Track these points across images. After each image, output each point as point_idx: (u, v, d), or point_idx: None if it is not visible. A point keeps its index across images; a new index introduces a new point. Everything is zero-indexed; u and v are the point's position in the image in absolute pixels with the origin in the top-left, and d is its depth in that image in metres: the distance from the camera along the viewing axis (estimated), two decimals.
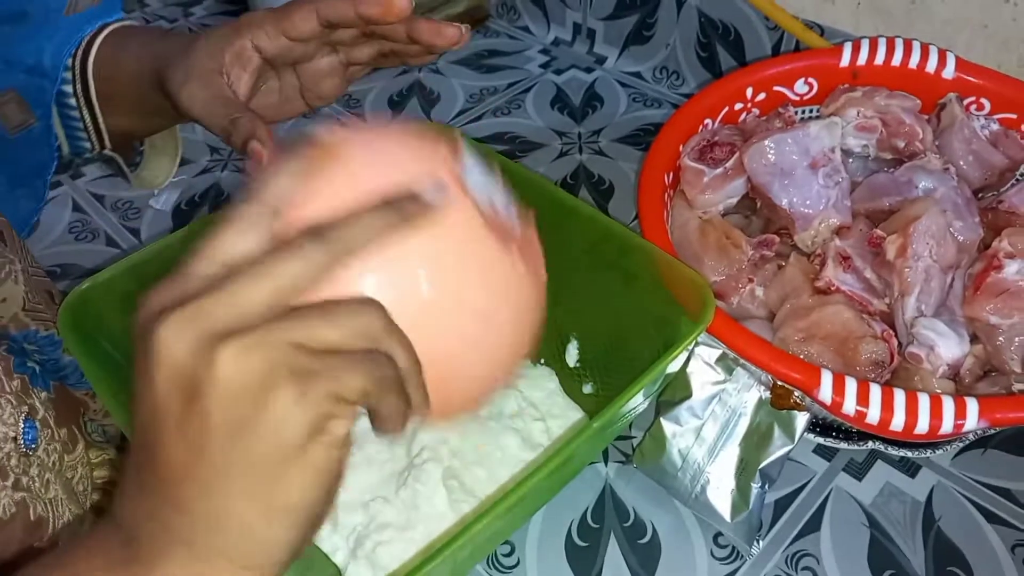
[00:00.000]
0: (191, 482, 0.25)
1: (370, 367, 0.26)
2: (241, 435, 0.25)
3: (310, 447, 0.25)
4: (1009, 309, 0.49)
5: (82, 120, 0.50)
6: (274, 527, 0.26)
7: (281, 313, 0.26)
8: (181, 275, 0.26)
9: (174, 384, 0.25)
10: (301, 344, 0.25)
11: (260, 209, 0.28)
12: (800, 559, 0.51)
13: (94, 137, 0.51)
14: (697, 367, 0.50)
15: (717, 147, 0.58)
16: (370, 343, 0.27)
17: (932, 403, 0.43)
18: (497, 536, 0.49)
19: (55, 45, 0.49)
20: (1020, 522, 0.52)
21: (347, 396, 0.25)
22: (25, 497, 0.38)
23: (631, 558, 0.51)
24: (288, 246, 0.26)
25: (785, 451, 0.48)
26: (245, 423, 0.24)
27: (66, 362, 0.49)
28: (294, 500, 0.26)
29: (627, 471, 0.56)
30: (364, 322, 0.27)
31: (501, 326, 0.34)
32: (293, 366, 0.25)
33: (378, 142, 0.33)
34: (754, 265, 0.56)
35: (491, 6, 1.06)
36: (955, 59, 0.61)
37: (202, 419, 0.24)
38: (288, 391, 0.24)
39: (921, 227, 0.50)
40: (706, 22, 0.85)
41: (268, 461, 0.25)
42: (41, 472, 0.40)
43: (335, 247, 0.27)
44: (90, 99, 0.49)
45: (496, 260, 0.33)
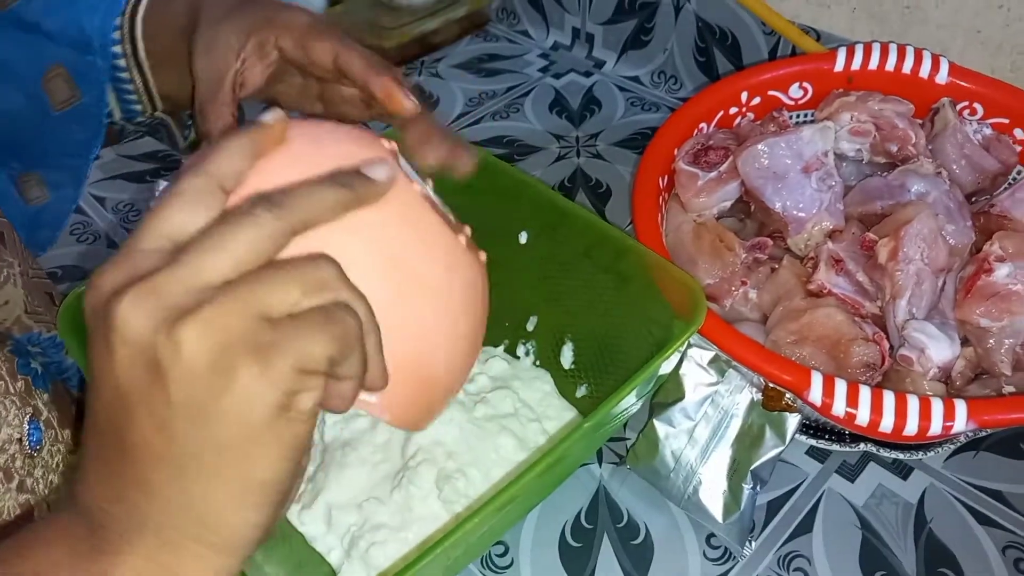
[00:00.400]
0: (159, 463, 0.25)
1: (331, 328, 0.25)
2: (207, 414, 0.24)
3: (277, 423, 0.25)
4: (999, 312, 0.50)
5: (132, 82, 0.50)
6: (245, 507, 0.26)
7: (235, 282, 0.25)
8: (128, 251, 0.25)
9: (136, 363, 0.24)
10: (261, 313, 0.24)
11: (206, 182, 0.27)
12: (792, 560, 0.51)
13: (145, 99, 0.51)
14: (690, 369, 0.51)
15: (711, 151, 0.59)
16: (327, 295, 0.26)
17: (921, 405, 0.44)
18: (490, 535, 0.50)
19: (100, 17, 0.48)
20: (1011, 524, 0.53)
21: (312, 367, 0.25)
22: (29, 499, 0.38)
23: (624, 559, 0.51)
24: (241, 215, 0.26)
25: (776, 452, 0.48)
26: (210, 402, 0.24)
27: (69, 364, 0.49)
28: (264, 478, 0.25)
29: (621, 472, 0.56)
30: (319, 275, 0.26)
31: (454, 303, 0.33)
32: (254, 341, 0.24)
33: (322, 129, 0.33)
34: (747, 268, 0.56)
35: (491, 10, 1.06)
36: (948, 64, 0.61)
37: (167, 399, 0.24)
38: (251, 368, 0.24)
39: (912, 230, 0.51)
40: (703, 27, 0.86)
41: (236, 440, 0.24)
42: (45, 474, 0.40)
43: (289, 217, 0.26)
44: (139, 60, 0.49)
45: (441, 234, 0.33)
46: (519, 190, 0.55)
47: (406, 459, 0.53)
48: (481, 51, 1.01)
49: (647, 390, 0.51)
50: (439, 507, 0.50)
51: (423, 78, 0.97)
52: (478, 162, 0.52)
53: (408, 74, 0.97)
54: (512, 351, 0.61)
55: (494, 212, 0.57)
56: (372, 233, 0.30)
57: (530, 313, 0.60)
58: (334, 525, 0.51)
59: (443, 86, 0.95)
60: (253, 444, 0.25)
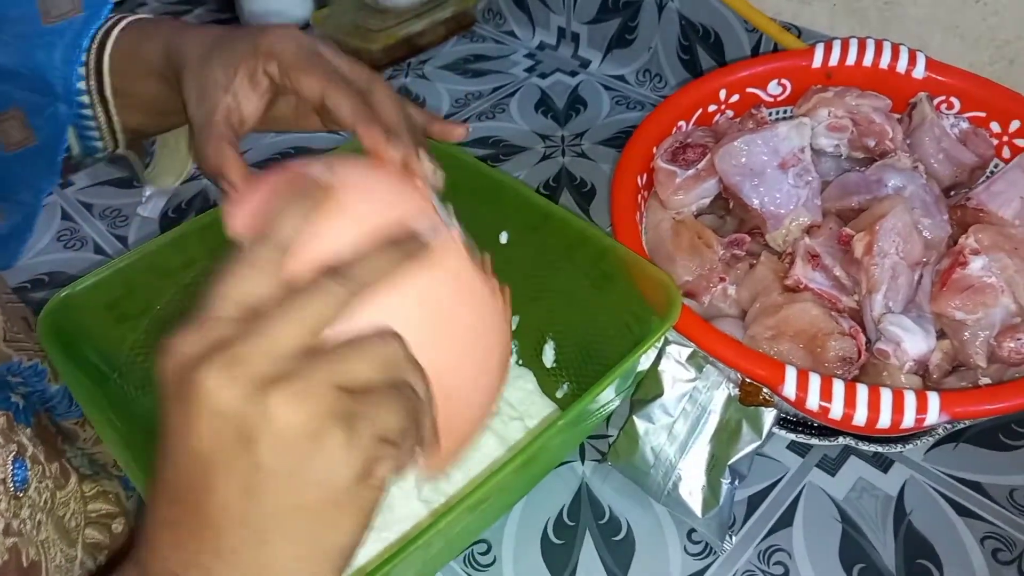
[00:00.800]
0: (239, 528, 0.25)
1: (403, 402, 0.27)
2: (295, 480, 0.25)
3: (358, 489, 0.26)
4: (974, 305, 0.50)
5: (95, 119, 0.49)
6: (320, 569, 0.27)
7: (314, 353, 0.26)
8: (202, 319, 0.27)
9: (223, 431, 0.25)
10: (341, 385, 0.26)
11: (270, 251, 0.28)
12: (772, 554, 0.52)
13: (108, 136, 0.50)
14: (668, 365, 0.51)
15: (689, 149, 0.59)
16: (396, 373, 0.28)
17: (894, 398, 0.44)
18: (470, 531, 0.50)
19: (61, 57, 0.46)
20: (990, 515, 0.53)
21: (389, 436, 0.27)
22: (17, 542, 0.37)
23: (606, 555, 0.52)
24: (311, 287, 0.27)
25: (753, 447, 0.49)
26: (299, 468, 0.25)
27: (53, 391, 0.48)
28: (341, 542, 0.27)
29: (603, 469, 0.56)
30: (389, 352, 0.28)
31: (488, 352, 0.36)
32: (339, 411, 0.25)
33: (368, 181, 0.35)
34: (726, 264, 0.56)
35: (477, 11, 1.07)
36: (925, 59, 0.62)
37: (256, 464, 0.25)
38: (338, 437, 0.25)
39: (887, 225, 0.51)
40: (687, 25, 0.86)
41: (319, 505, 0.26)
42: (33, 513, 0.39)
43: (352, 285, 0.28)
44: (104, 97, 0.48)
45: (479, 283, 0.36)
46: (499, 191, 0.55)
47: None
48: (467, 52, 1.02)
49: (626, 386, 0.52)
50: (420, 507, 0.50)
51: (409, 79, 0.97)
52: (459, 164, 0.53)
53: (394, 76, 0.98)
54: None
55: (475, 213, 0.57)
56: (422, 291, 0.32)
57: (512, 313, 0.60)
58: None
59: (429, 87, 0.95)
60: (335, 509, 0.26)
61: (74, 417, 0.49)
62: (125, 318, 0.51)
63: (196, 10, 1.15)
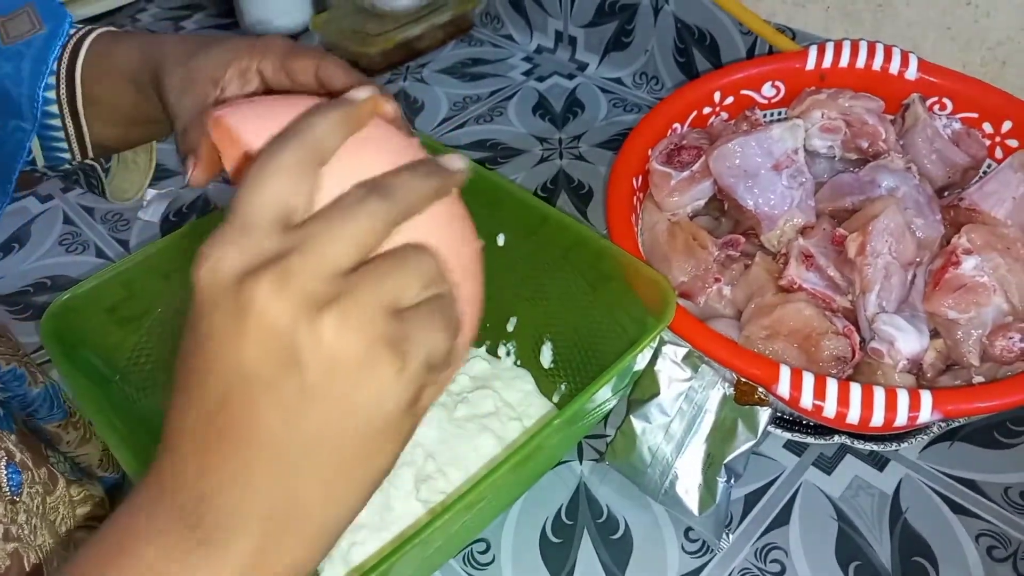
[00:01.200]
0: (279, 453, 0.24)
1: (447, 323, 0.26)
2: (341, 406, 0.24)
3: (403, 418, 0.25)
4: (967, 304, 0.51)
5: (63, 129, 0.48)
6: (350, 498, 0.25)
7: (363, 272, 0.25)
8: (240, 227, 0.24)
9: (271, 349, 0.23)
10: (392, 305, 0.24)
11: (306, 155, 0.26)
12: (769, 552, 0.52)
13: (76, 146, 0.49)
14: (665, 365, 0.51)
15: (684, 151, 0.60)
16: (436, 289, 0.26)
17: (887, 396, 0.45)
18: (469, 530, 0.51)
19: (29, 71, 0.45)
20: (985, 512, 0.53)
21: (436, 362, 0.25)
22: (17, 547, 0.37)
23: (604, 554, 0.52)
24: (355, 202, 0.25)
25: (749, 446, 0.49)
26: (346, 394, 0.24)
27: (34, 395, 0.47)
28: (376, 472, 0.25)
29: (601, 469, 0.57)
30: (431, 266, 0.26)
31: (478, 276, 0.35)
32: (392, 337, 0.24)
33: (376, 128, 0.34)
34: (721, 265, 0.57)
35: (475, 15, 1.07)
36: (917, 60, 0.62)
37: (301, 387, 0.23)
38: (392, 365, 0.24)
39: (880, 225, 0.52)
40: (682, 27, 0.87)
41: (361, 435, 0.24)
42: (29, 518, 0.39)
43: (397, 207, 0.26)
44: (75, 107, 0.47)
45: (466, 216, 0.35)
46: (497, 195, 0.56)
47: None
48: (465, 56, 1.02)
49: (622, 386, 0.52)
50: (419, 507, 0.51)
51: (408, 83, 0.98)
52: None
53: (392, 80, 0.98)
54: (493, 351, 0.62)
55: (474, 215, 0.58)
56: (436, 221, 0.31)
57: (510, 314, 0.61)
58: None
59: (428, 91, 0.96)
60: (377, 438, 0.25)
61: (56, 420, 0.49)
62: (126, 321, 0.52)
63: (196, 15, 1.16)
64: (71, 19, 0.47)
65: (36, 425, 0.48)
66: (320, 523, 0.25)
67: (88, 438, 0.52)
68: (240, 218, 0.25)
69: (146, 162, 0.56)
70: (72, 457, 0.49)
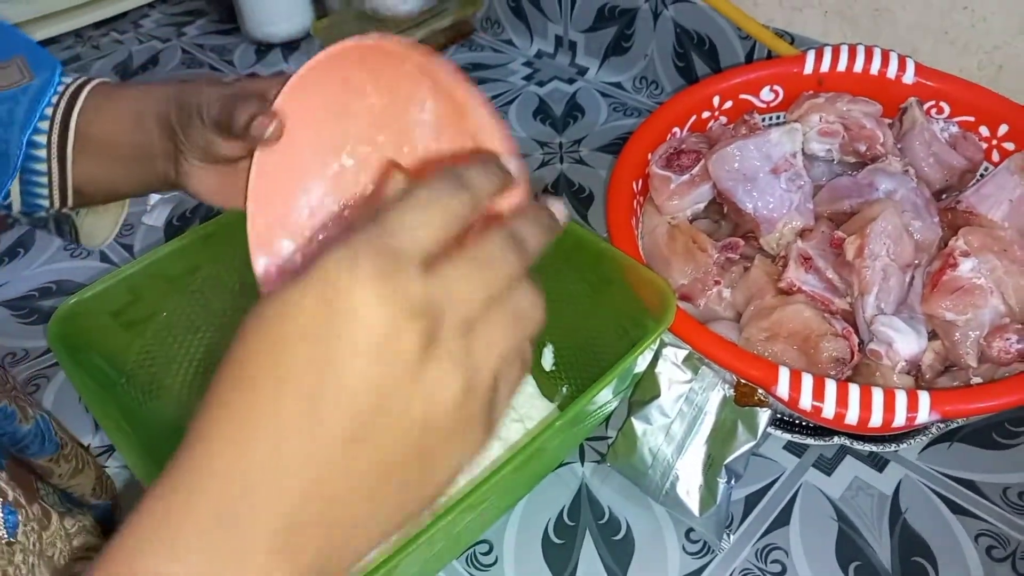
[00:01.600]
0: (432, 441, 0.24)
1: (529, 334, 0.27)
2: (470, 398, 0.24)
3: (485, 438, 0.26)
4: (964, 305, 0.51)
5: (48, 174, 0.47)
6: (422, 510, 0.26)
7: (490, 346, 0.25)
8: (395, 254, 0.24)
9: (421, 335, 0.23)
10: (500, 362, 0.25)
11: (468, 210, 0.26)
12: (769, 552, 0.52)
13: (56, 194, 0.48)
14: (665, 367, 0.52)
15: (683, 154, 0.60)
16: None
17: (885, 397, 0.45)
18: (472, 531, 0.51)
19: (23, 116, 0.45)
20: (984, 513, 0.54)
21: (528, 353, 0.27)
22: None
23: (606, 554, 0.53)
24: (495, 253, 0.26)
25: (749, 447, 0.50)
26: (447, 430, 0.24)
27: (24, 432, 0.46)
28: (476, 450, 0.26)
29: (602, 471, 0.57)
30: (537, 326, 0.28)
31: None
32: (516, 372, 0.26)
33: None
34: (720, 268, 0.57)
35: (476, 20, 1.08)
36: (915, 64, 0.63)
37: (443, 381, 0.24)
38: (519, 367, 0.26)
39: (878, 227, 0.52)
40: (681, 32, 0.87)
41: (463, 462, 0.25)
42: (26, 557, 0.38)
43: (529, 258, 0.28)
44: (64, 153, 0.46)
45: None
46: None
47: None
48: (466, 60, 1.03)
49: (623, 387, 0.53)
50: None
51: None
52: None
53: None
54: None
55: None
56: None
57: None
58: None
59: None
60: (488, 424, 0.26)
61: (48, 454, 0.48)
62: (131, 325, 0.52)
63: (198, 21, 1.16)
64: (61, 69, 0.47)
65: (26, 460, 0.47)
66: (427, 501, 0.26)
67: (80, 468, 0.51)
68: (396, 240, 0.24)
69: (117, 208, 0.55)
70: (63, 488, 0.49)
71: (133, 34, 1.14)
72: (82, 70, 1.06)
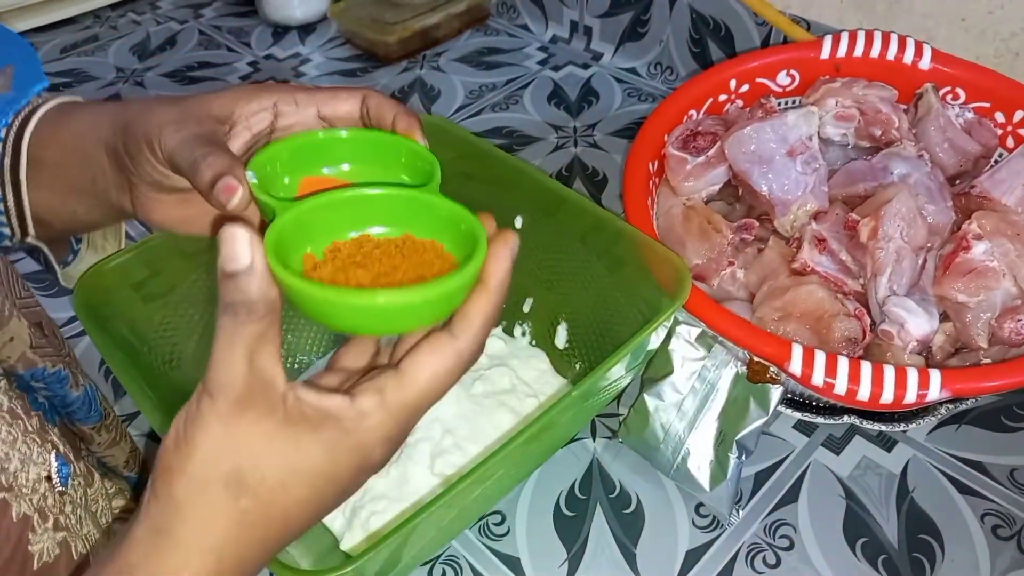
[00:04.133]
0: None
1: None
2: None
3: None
4: (976, 288, 0.52)
5: (3, 200, 0.43)
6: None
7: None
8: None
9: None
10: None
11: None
12: (778, 528, 0.53)
13: (15, 222, 0.44)
14: (678, 345, 0.53)
15: (700, 136, 0.61)
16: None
17: (897, 374, 0.46)
18: (485, 501, 0.52)
19: None
20: (991, 493, 0.54)
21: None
22: (66, 536, 0.38)
23: (616, 527, 0.54)
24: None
25: (760, 423, 0.50)
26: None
27: (73, 397, 0.48)
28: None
29: (614, 446, 0.58)
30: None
31: None
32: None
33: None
34: (735, 248, 0.58)
35: (491, 5, 1.08)
36: (931, 50, 0.63)
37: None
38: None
39: (892, 210, 0.53)
40: (697, 18, 0.88)
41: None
42: (74, 509, 0.40)
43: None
44: (18, 177, 0.43)
45: None
46: (516, 177, 0.57)
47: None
48: (481, 45, 1.04)
49: (636, 364, 0.53)
50: (436, 480, 0.52)
51: (424, 72, 0.99)
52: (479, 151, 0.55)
53: (409, 68, 1.00)
54: (509, 332, 0.64)
55: (492, 198, 0.59)
56: None
57: (526, 295, 0.62)
58: None
59: (444, 79, 0.97)
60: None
61: (92, 422, 0.50)
62: (151, 298, 0.53)
63: (215, 3, 1.17)
64: (45, 85, 0.44)
65: (72, 425, 0.49)
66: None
67: (117, 440, 0.53)
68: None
69: (115, 247, 0.52)
70: (100, 457, 0.51)
71: (151, 15, 1.15)
72: (100, 51, 1.07)
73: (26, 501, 0.35)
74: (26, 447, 0.37)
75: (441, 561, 0.52)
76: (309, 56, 1.04)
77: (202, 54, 1.05)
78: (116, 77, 1.01)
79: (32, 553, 0.34)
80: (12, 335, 0.44)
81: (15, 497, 0.34)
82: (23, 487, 0.35)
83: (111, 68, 1.03)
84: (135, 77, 1.01)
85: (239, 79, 1.00)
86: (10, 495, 0.34)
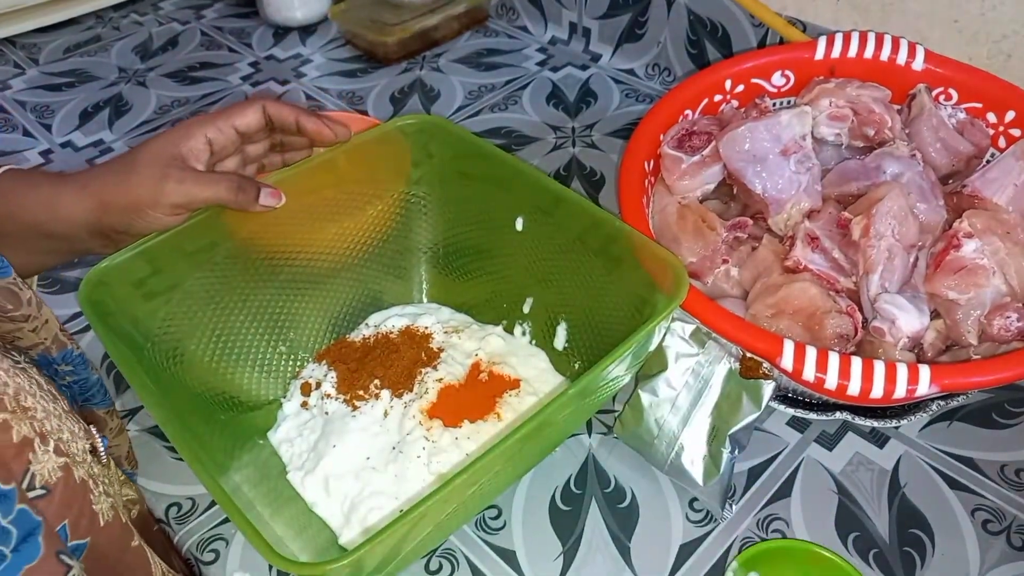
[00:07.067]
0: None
1: None
2: None
3: None
4: (966, 285, 0.52)
5: None
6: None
7: None
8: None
9: None
10: None
11: None
12: (771, 522, 0.54)
13: None
14: (672, 341, 0.53)
15: (695, 136, 0.61)
16: None
17: (887, 369, 0.46)
18: (482, 496, 0.52)
19: None
20: (981, 488, 0.55)
21: None
22: (113, 502, 0.39)
23: (611, 521, 0.54)
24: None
25: (753, 418, 0.51)
26: None
27: (92, 381, 0.50)
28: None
29: (609, 442, 0.59)
30: None
31: None
32: None
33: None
34: (729, 247, 0.59)
35: (491, 7, 1.09)
36: (924, 51, 0.64)
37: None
38: None
39: (883, 208, 0.53)
40: (695, 20, 0.88)
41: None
42: (110, 482, 0.42)
43: None
44: None
45: None
46: (515, 176, 0.57)
47: (403, 433, 0.56)
48: (481, 46, 1.04)
49: (636, 363, 0.54)
50: (433, 478, 0.53)
51: (424, 72, 1.00)
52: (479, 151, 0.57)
53: (409, 69, 1.00)
54: (509, 331, 0.64)
55: (491, 197, 0.60)
56: None
57: (526, 295, 0.63)
58: (332, 493, 0.53)
59: (444, 80, 0.98)
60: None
61: (106, 406, 0.51)
62: (152, 295, 0.54)
63: (216, 4, 1.18)
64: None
65: (88, 411, 0.50)
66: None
67: (122, 430, 0.54)
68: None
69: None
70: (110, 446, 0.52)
71: (153, 16, 1.16)
72: (102, 51, 1.08)
73: (83, 467, 0.37)
74: (71, 423, 0.39)
75: (438, 554, 0.53)
76: (310, 57, 1.04)
77: (204, 54, 1.06)
78: (118, 77, 1.02)
79: (96, 512, 0.37)
80: (47, 318, 0.47)
81: (74, 463, 0.36)
82: (76, 456, 0.38)
83: (113, 68, 1.04)
84: (137, 77, 1.02)
85: (240, 79, 1.00)
86: (70, 460, 0.36)
